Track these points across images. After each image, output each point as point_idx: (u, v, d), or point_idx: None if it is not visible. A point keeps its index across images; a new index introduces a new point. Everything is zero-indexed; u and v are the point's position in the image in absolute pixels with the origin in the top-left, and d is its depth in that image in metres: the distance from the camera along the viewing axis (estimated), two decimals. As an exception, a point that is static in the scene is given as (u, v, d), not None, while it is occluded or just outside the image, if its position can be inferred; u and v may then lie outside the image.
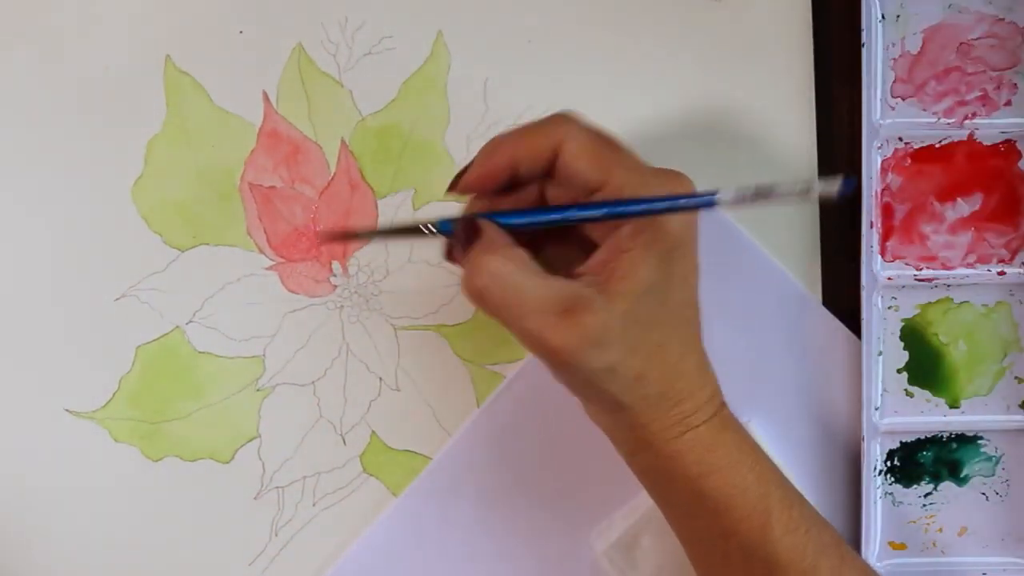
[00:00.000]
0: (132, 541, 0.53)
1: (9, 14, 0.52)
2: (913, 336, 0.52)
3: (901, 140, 0.51)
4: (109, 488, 0.53)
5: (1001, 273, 0.52)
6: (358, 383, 0.53)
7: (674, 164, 0.52)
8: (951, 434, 0.52)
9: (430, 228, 0.43)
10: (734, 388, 0.52)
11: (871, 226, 0.51)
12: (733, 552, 0.43)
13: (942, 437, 0.52)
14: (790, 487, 0.44)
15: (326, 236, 0.51)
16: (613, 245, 0.41)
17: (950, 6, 0.51)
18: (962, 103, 0.51)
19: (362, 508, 0.53)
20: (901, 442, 0.52)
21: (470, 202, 0.44)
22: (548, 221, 0.42)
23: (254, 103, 0.52)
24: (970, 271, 0.52)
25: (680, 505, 0.44)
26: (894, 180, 0.52)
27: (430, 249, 0.52)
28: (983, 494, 0.53)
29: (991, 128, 0.51)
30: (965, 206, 0.52)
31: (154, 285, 0.52)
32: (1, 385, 0.52)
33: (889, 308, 0.52)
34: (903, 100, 0.51)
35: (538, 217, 0.42)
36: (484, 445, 0.53)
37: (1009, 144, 0.51)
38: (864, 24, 0.50)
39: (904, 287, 0.52)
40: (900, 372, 0.52)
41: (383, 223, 0.52)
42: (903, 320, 0.52)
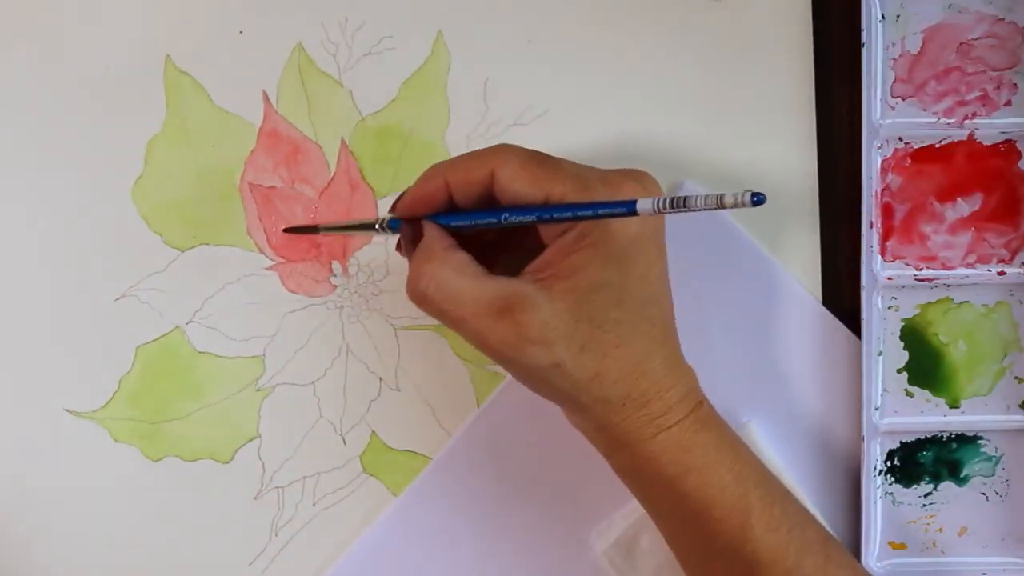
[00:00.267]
0: (132, 541, 0.53)
1: (9, 14, 0.52)
2: (913, 336, 0.52)
3: (901, 140, 0.51)
4: (109, 488, 0.53)
5: (1001, 273, 0.52)
6: (358, 383, 0.53)
7: (674, 164, 0.52)
8: (951, 434, 0.52)
9: (382, 226, 0.46)
10: (734, 388, 0.52)
11: (871, 226, 0.51)
12: (715, 551, 0.43)
13: (942, 437, 0.52)
14: (773, 485, 0.44)
15: (289, 230, 0.52)
16: (559, 247, 0.41)
17: (950, 6, 0.51)
18: (962, 103, 0.51)
19: (362, 508, 0.53)
20: (901, 442, 0.52)
21: None
22: (485, 223, 0.42)
23: (254, 103, 0.52)
24: (970, 271, 0.52)
25: (660, 505, 0.44)
26: (894, 180, 0.52)
27: (430, 249, 0.52)
28: (983, 494, 0.53)
29: (991, 128, 0.51)
30: (965, 206, 0.52)
31: (154, 285, 0.52)
32: (1, 385, 0.52)
33: (889, 308, 0.52)
34: (903, 100, 0.51)
35: (476, 219, 0.43)
36: (484, 445, 0.53)
37: (1009, 144, 0.51)
38: (864, 24, 0.50)
39: (904, 287, 0.52)
40: (900, 372, 0.52)
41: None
42: (903, 320, 0.52)
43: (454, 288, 0.41)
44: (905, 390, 0.52)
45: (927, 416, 0.52)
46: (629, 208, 0.38)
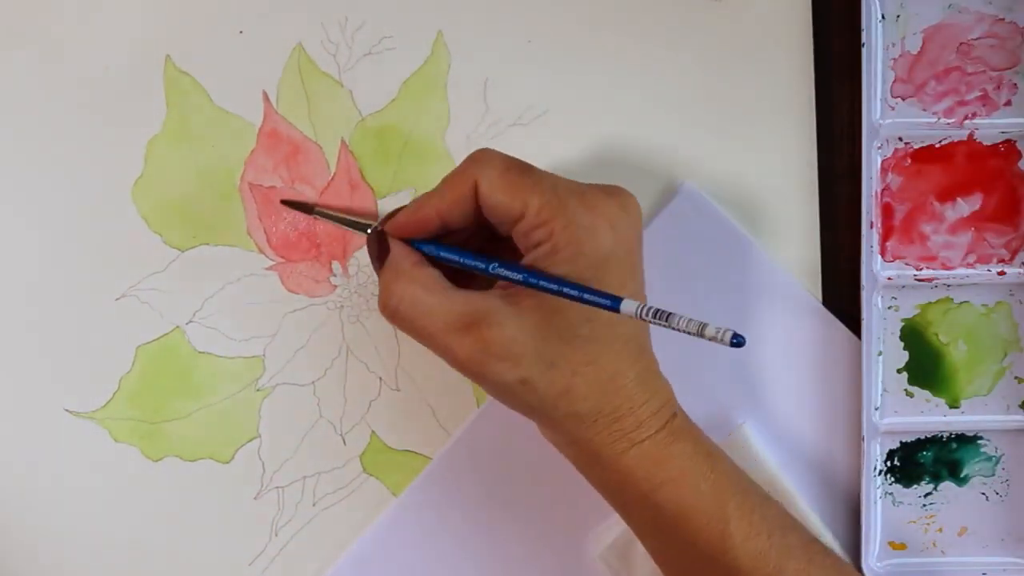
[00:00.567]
0: (132, 541, 0.53)
1: (9, 14, 0.52)
2: (913, 336, 0.52)
3: (901, 140, 0.51)
4: (109, 488, 0.53)
5: (1001, 273, 0.52)
6: (358, 383, 0.53)
7: (674, 164, 0.52)
8: (951, 434, 0.52)
9: (368, 229, 0.47)
10: (734, 388, 0.52)
11: (871, 226, 0.51)
12: (696, 562, 0.43)
13: (942, 437, 0.52)
14: (752, 492, 0.44)
15: (286, 202, 0.51)
16: (530, 261, 0.41)
17: (950, 6, 0.51)
18: (962, 103, 0.51)
19: (362, 508, 0.53)
20: (901, 442, 0.52)
21: None
22: (472, 266, 0.43)
23: (254, 103, 0.52)
24: (970, 271, 0.52)
25: (638, 518, 0.44)
26: (894, 180, 0.52)
27: (430, 249, 0.53)
28: (983, 494, 0.53)
29: (991, 128, 0.51)
30: (965, 206, 0.52)
31: (154, 285, 0.52)
32: (1, 385, 0.52)
33: (889, 308, 0.52)
34: (903, 100, 0.51)
35: (464, 259, 0.43)
36: (484, 445, 0.53)
37: (1009, 144, 0.51)
38: (864, 24, 0.50)
39: (904, 287, 0.52)
40: (900, 372, 0.52)
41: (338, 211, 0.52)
42: (903, 320, 0.52)
43: (423, 304, 0.41)
44: (905, 390, 0.52)
45: (927, 416, 0.52)
46: (613, 304, 0.38)
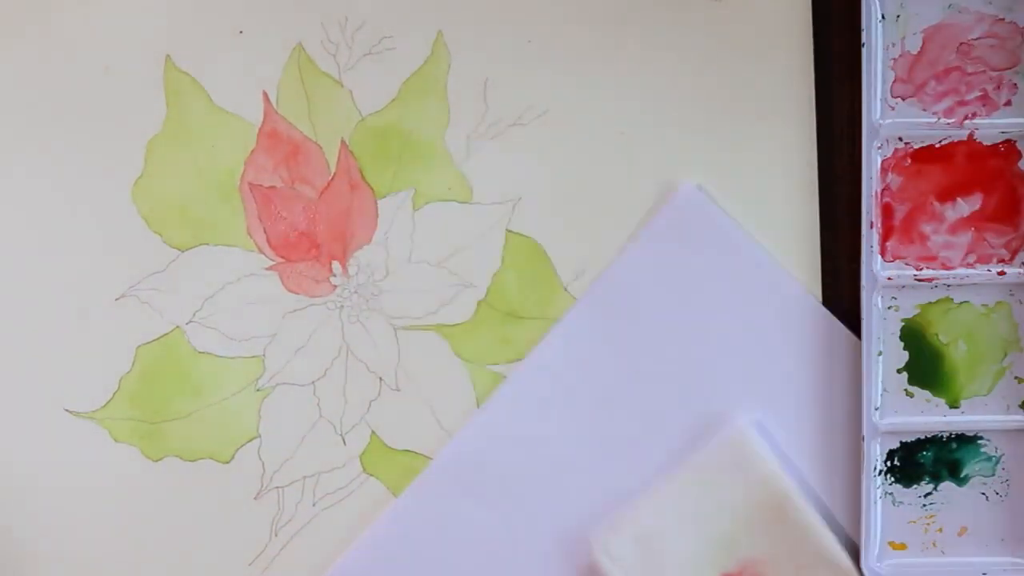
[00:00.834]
0: (132, 541, 0.53)
1: (9, 14, 0.52)
2: (913, 336, 0.52)
3: (901, 140, 0.51)
4: (109, 488, 0.53)
5: (1001, 273, 0.52)
6: (358, 383, 0.53)
7: (673, 164, 0.52)
8: (951, 434, 0.52)
9: None
10: (734, 388, 0.52)
11: (871, 226, 0.51)
12: None
13: (942, 437, 0.52)
14: None
15: None
16: None
17: (950, 6, 0.51)
18: (962, 103, 0.51)
19: (362, 508, 0.53)
20: (901, 442, 0.52)
21: None
22: None
23: (254, 103, 0.52)
24: (970, 271, 0.52)
25: None
26: (894, 180, 0.52)
27: (430, 249, 0.52)
28: (983, 494, 0.53)
29: (991, 128, 0.51)
30: (965, 206, 0.52)
31: (154, 285, 0.52)
32: (1, 385, 0.52)
33: (889, 308, 0.52)
34: (903, 100, 0.51)
35: None
36: (484, 445, 0.53)
37: (1009, 144, 0.51)
38: (864, 24, 0.50)
39: (904, 287, 0.52)
40: (900, 372, 0.52)
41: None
42: (903, 320, 0.52)
43: None
44: (905, 390, 0.52)
45: (927, 416, 0.52)
46: None
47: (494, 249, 0.52)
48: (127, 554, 0.53)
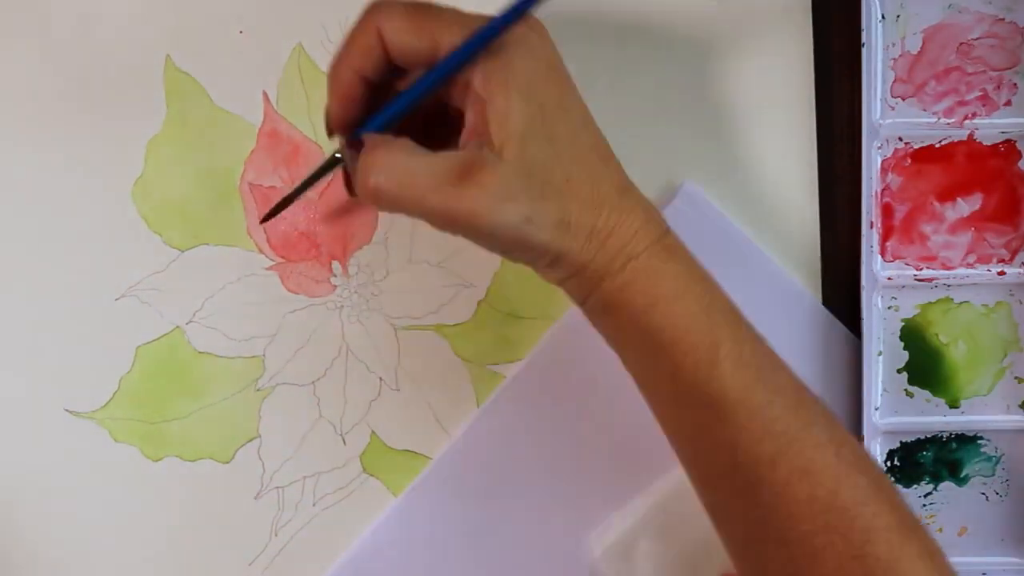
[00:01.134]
0: (132, 541, 0.53)
1: (9, 13, 0.52)
2: (913, 336, 0.52)
3: (901, 140, 0.52)
4: (109, 488, 0.53)
5: (1001, 273, 0.52)
6: (358, 383, 0.53)
7: (673, 164, 0.52)
8: (951, 434, 0.52)
9: (337, 156, 0.44)
10: (734, 388, 0.52)
11: (871, 226, 0.51)
12: (682, 393, 0.41)
13: (942, 437, 0.53)
14: (744, 324, 0.42)
15: (265, 219, 0.48)
16: (474, 104, 0.40)
17: (950, 6, 0.51)
18: (962, 103, 0.51)
19: (362, 508, 0.53)
20: (901, 442, 0.52)
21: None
22: (401, 108, 0.41)
23: (254, 103, 0.52)
24: (970, 271, 0.52)
25: (631, 346, 0.43)
26: (894, 180, 0.52)
27: (430, 249, 0.52)
28: (983, 494, 0.53)
29: (991, 128, 0.51)
30: (965, 206, 0.52)
31: (154, 285, 0.52)
32: (1, 385, 0.52)
33: (889, 308, 0.52)
34: (903, 100, 0.52)
35: (392, 108, 0.41)
36: (484, 445, 0.53)
37: (1009, 144, 0.51)
38: (864, 24, 0.50)
39: (904, 287, 0.52)
40: (900, 372, 0.52)
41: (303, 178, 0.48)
42: (903, 320, 0.52)
43: (409, 167, 0.39)
44: (905, 390, 0.52)
45: (927, 416, 0.52)
46: (508, 16, 0.40)
47: (494, 249, 0.52)
48: (127, 554, 0.53)
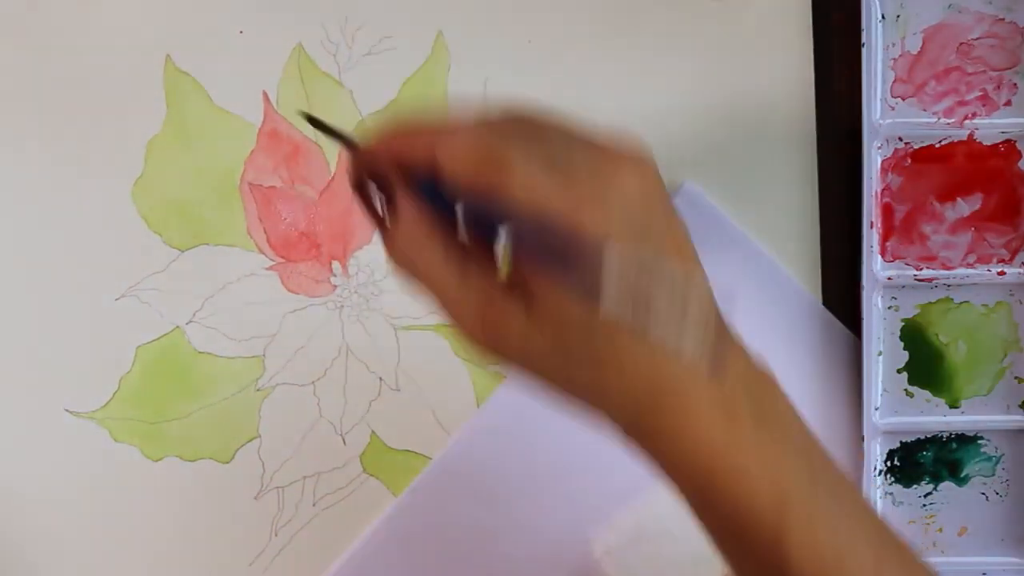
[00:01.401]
0: (132, 541, 0.53)
1: (8, 14, 0.52)
2: (913, 336, 0.52)
3: (901, 140, 0.51)
4: (109, 488, 0.53)
5: (1001, 273, 0.52)
6: (358, 383, 0.53)
7: (674, 164, 0.52)
8: (951, 434, 0.52)
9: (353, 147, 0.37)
10: (734, 388, 0.52)
11: (871, 226, 0.51)
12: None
13: (942, 437, 0.52)
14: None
15: (308, 118, 0.40)
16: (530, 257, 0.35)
17: (950, 6, 0.51)
18: (962, 103, 0.51)
19: (362, 508, 0.53)
20: (901, 442, 0.52)
21: None
22: (467, 216, 0.35)
23: (254, 103, 0.52)
24: (970, 271, 0.52)
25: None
26: (894, 180, 0.52)
27: (430, 249, 0.52)
28: (983, 494, 0.53)
29: (991, 128, 0.51)
30: (965, 206, 0.52)
31: (154, 285, 0.52)
32: (1, 385, 0.52)
33: (889, 308, 0.52)
34: (903, 100, 0.51)
35: (443, 202, 0.35)
36: (484, 445, 0.53)
37: (1009, 144, 0.51)
38: (864, 24, 0.50)
39: (904, 287, 0.52)
40: (900, 372, 0.52)
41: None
42: (903, 320, 0.52)
43: (438, 278, 0.35)
44: (905, 390, 0.52)
45: (927, 416, 0.52)
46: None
47: (494, 249, 0.52)
48: (127, 554, 0.53)
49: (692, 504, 0.38)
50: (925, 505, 0.53)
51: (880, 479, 0.52)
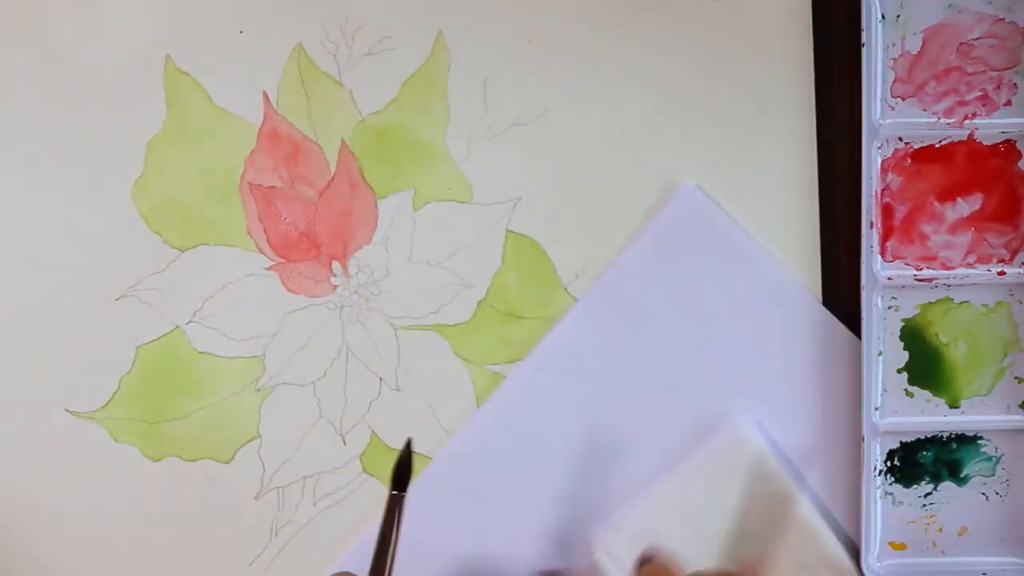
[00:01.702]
0: (132, 541, 0.53)
1: (9, 14, 0.52)
2: (913, 336, 0.52)
3: (901, 140, 0.51)
4: (109, 488, 0.53)
5: (1001, 273, 0.52)
6: (358, 383, 0.53)
7: (674, 164, 0.52)
8: (951, 434, 0.52)
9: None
10: (734, 388, 0.52)
11: (871, 226, 0.51)
12: None
13: (942, 437, 0.52)
14: None
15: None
16: None
17: (950, 6, 0.51)
18: (962, 103, 0.51)
19: (362, 508, 0.53)
20: (901, 442, 0.52)
21: None
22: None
23: (254, 103, 0.52)
24: (970, 271, 0.52)
25: None
26: (894, 180, 0.52)
27: (430, 249, 0.52)
28: (983, 494, 0.53)
29: (991, 128, 0.51)
30: (965, 206, 0.52)
31: (154, 285, 0.52)
32: (1, 385, 0.52)
33: (889, 308, 0.52)
34: (903, 100, 0.51)
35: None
36: (484, 445, 0.53)
37: (1009, 144, 0.51)
38: (864, 24, 0.50)
39: (904, 287, 0.52)
40: (900, 372, 0.52)
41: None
42: (903, 320, 0.52)
43: None
44: (905, 390, 0.52)
45: (927, 416, 0.52)
46: None
47: (494, 249, 0.52)
48: (127, 554, 0.53)
49: None
50: (925, 505, 0.53)
51: (880, 479, 0.52)
